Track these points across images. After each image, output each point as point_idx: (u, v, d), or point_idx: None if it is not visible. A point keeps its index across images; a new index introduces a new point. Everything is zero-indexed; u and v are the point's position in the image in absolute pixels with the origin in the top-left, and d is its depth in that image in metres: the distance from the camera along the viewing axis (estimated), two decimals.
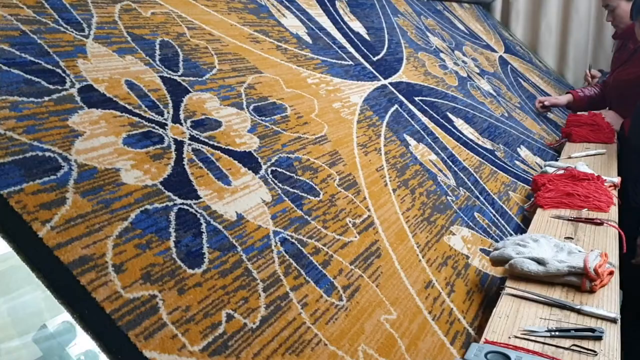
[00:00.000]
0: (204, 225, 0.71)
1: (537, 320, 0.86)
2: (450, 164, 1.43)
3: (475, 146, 1.65)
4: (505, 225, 1.32)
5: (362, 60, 1.60)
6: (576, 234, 1.20)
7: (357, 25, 1.83)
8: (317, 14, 1.63)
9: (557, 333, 0.82)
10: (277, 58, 1.23)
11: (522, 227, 1.36)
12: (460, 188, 1.34)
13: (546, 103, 2.52)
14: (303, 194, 0.91)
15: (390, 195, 1.10)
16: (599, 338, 0.81)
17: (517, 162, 1.77)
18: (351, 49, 1.61)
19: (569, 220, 1.28)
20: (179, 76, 0.94)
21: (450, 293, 0.96)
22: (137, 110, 0.80)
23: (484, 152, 1.65)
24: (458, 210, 1.23)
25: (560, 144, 2.11)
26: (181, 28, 1.05)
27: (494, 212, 1.35)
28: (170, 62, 0.95)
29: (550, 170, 1.61)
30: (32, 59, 0.74)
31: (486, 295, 1.01)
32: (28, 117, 0.67)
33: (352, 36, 1.71)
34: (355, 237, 0.92)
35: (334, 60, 1.45)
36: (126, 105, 0.79)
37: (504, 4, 3.85)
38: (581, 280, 0.93)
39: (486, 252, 1.15)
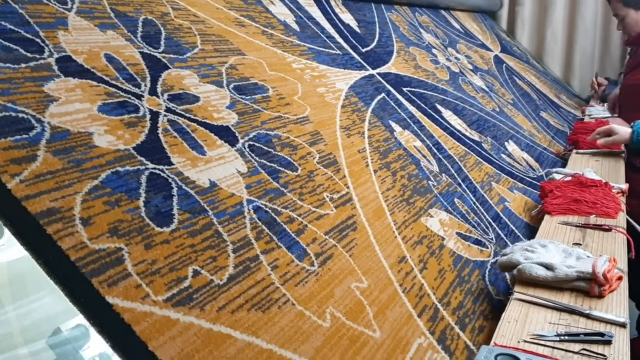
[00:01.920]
0: (175, 189, 0.72)
1: (546, 325, 0.87)
2: (435, 151, 1.45)
3: (462, 136, 1.66)
4: (484, 213, 1.33)
5: (350, 50, 1.62)
6: (584, 240, 1.21)
7: (348, 17, 1.85)
8: (307, 3, 1.66)
9: (566, 337, 0.83)
10: (262, 42, 1.25)
11: (500, 217, 1.37)
12: (443, 174, 1.36)
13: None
14: (280, 168, 0.92)
15: (371, 176, 1.12)
16: (609, 342, 0.81)
17: (503, 155, 1.78)
18: (340, 40, 1.63)
19: (576, 226, 1.28)
20: (160, 53, 0.96)
21: (423, 270, 0.97)
22: (114, 82, 0.82)
23: (471, 143, 1.66)
24: (438, 195, 1.24)
25: (567, 152, 2.10)
26: (166, 8, 1.07)
27: (474, 200, 1.36)
28: (151, 40, 0.97)
29: (557, 177, 1.63)
30: (12, 27, 0.77)
31: (458, 275, 1.02)
32: (3, 81, 0.69)
33: (342, 27, 1.73)
34: (332, 210, 0.93)
35: (321, 49, 1.47)
36: (103, 77, 0.82)
37: (509, 13, 3.87)
38: (590, 286, 0.94)
39: (462, 235, 1.16)
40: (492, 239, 1.24)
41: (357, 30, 1.83)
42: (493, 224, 1.31)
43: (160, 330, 0.56)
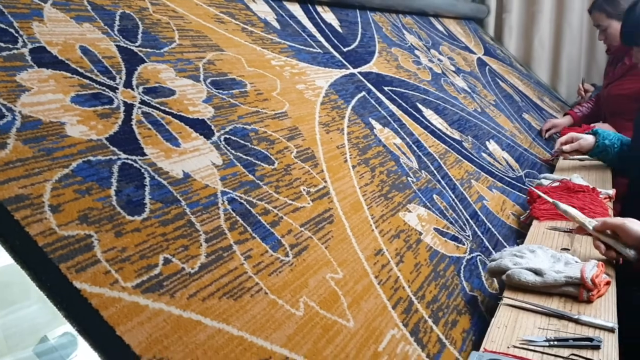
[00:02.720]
0: (147, 180, 0.72)
1: (536, 330, 0.88)
2: (415, 148, 1.46)
3: (443, 135, 1.68)
4: (463, 210, 1.35)
5: (331, 49, 1.63)
6: (572, 245, 1.22)
7: (330, 17, 1.86)
8: (289, 2, 1.66)
9: (555, 343, 0.84)
10: (241, 39, 1.25)
11: (478, 214, 1.39)
12: (423, 171, 1.37)
13: (545, 127, 2.54)
14: (257, 162, 0.93)
15: (349, 171, 1.13)
16: (597, 347, 0.83)
17: (483, 154, 1.79)
18: (321, 39, 1.64)
19: (564, 231, 1.29)
20: (136, 47, 0.96)
21: (399, 263, 0.98)
22: (88, 74, 0.82)
23: (451, 142, 1.68)
24: (417, 191, 1.25)
25: (555, 158, 2.11)
26: (144, 3, 1.08)
27: (453, 197, 1.37)
28: (128, 33, 0.97)
29: (545, 182, 1.64)
30: None
31: (433, 270, 1.03)
32: None
33: (324, 27, 1.74)
34: (309, 203, 0.94)
35: (301, 47, 1.48)
36: (78, 69, 0.81)
37: (497, 20, 3.91)
38: (578, 291, 0.95)
39: (439, 231, 1.17)
40: (469, 236, 1.25)
41: (339, 29, 1.84)
42: (470, 221, 1.32)
43: (129, 316, 0.56)
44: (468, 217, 1.34)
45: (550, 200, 1.25)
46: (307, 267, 0.81)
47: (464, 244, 1.20)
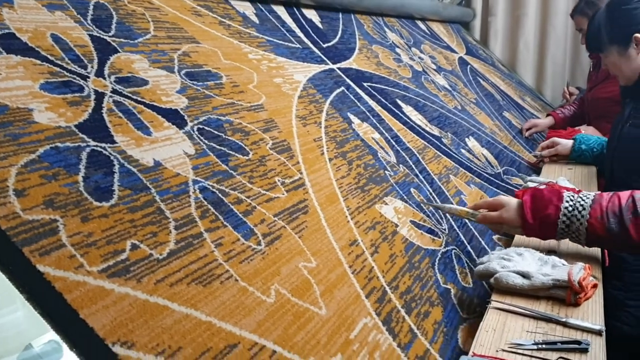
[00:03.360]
0: (117, 167, 0.72)
1: (524, 334, 0.88)
2: (394, 143, 1.47)
3: (422, 131, 1.69)
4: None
5: (310, 45, 1.63)
6: (559, 247, 1.23)
7: (311, 13, 1.86)
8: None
9: (544, 346, 0.84)
10: (218, 32, 1.25)
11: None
12: (401, 165, 1.37)
13: (525, 126, 2.58)
14: (231, 152, 0.93)
15: (326, 163, 1.13)
16: (585, 350, 0.83)
17: (463, 151, 1.81)
18: (300, 34, 1.64)
19: None
20: (110, 37, 0.95)
21: (374, 253, 0.98)
22: (59, 62, 0.81)
23: (430, 137, 1.69)
24: (394, 184, 1.26)
25: (541, 161, 2.13)
26: None
27: (431, 191, 1.38)
28: (102, 23, 0.97)
29: (532, 185, 1.66)
30: None
31: (408, 261, 1.04)
32: None
33: (304, 22, 1.74)
34: (283, 194, 0.94)
35: (280, 42, 1.48)
36: (48, 56, 0.81)
37: (482, 23, 3.95)
38: (566, 293, 0.96)
39: (416, 224, 1.18)
40: (445, 229, 1.26)
41: (320, 25, 1.84)
42: (447, 215, 1.32)
43: (93, 300, 0.55)
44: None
45: (436, 205, 1.27)
46: (279, 256, 0.80)
47: (439, 237, 1.20)
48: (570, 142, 1.93)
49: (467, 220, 1.37)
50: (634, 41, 1.46)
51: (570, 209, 1.11)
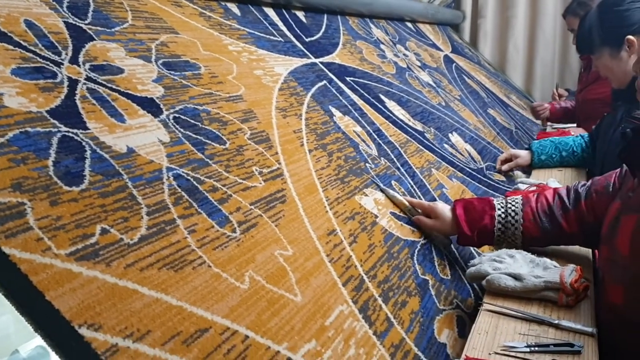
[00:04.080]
0: (88, 152, 0.71)
1: (517, 336, 0.88)
2: (376, 137, 1.47)
3: (405, 126, 1.69)
4: (422, 197, 1.35)
5: (293, 39, 1.63)
6: (550, 249, 1.22)
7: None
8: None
9: (536, 348, 0.84)
10: (198, 23, 1.24)
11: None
12: (382, 158, 1.38)
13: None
14: (207, 141, 0.92)
15: (306, 154, 1.13)
16: (578, 353, 0.83)
17: (445, 145, 1.81)
18: (283, 28, 1.64)
19: None
20: (86, 24, 0.94)
21: (352, 243, 0.98)
22: (32, 48, 0.81)
23: (413, 132, 1.69)
24: (375, 177, 1.26)
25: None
26: None
27: (412, 184, 1.38)
28: (78, 11, 0.96)
29: (522, 187, 1.66)
30: None
31: (387, 251, 1.04)
32: None
33: (287, 16, 1.74)
34: (261, 183, 0.93)
35: (261, 34, 1.47)
36: (21, 42, 0.80)
37: (472, 25, 3.98)
38: (558, 295, 0.96)
39: (396, 215, 1.18)
40: None
41: (304, 20, 1.84)
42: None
43: (60, 282, 0.55)
44: None
45: (383, 187, 1.26)
46: (255, 244, 0.80)
47: (420, 229, 1.21)
48: (528, 154, 1.94)
49: None
50: (626, 43, 1.44)
51: (503, 215, 1.14)
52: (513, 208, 1.14)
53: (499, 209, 1.15)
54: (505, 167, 1.93)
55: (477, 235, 1.14)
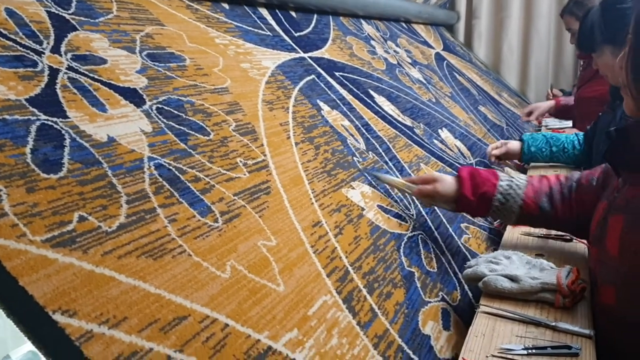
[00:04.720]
0: (67, 141, 0.71)
1: (514, 338, 0.87)
2: (364, 131, 1.46)
3: (394, 121, 1.69)
4: None
5: (282, 33, 1.63)
6: (546, 250, 1.23)
7: (284, 1, 1.85)
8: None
9: (534, 351, 0.83)
10: (184, 15, 1.24)
11: None
12: (370, 152, 1.37)
13: (525, 111, 2.59)
14: (190, 132, 0.92)
15: (292, 147, 1.12)
16: (576, 355, 0.82)
17: (435, 141, 1.81)
18: (272, 22, 1.64)
19: (538, 237, 1.30)
20: (69, 14, 0.94)
21: (338, 235, 0.98)
22: (12, 36, 0.80)
23: (402, 127, 1.69)
24: (362, 170, 1.25)
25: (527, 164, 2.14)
26: None
27: (399, 177, 1.38)
28: (62, 0, 0.95)
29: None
30: None
31: (373, 244, 1.03)
32: None
33: (277, 10, 1.74)
34: (245, 174, 0.93)
35: (249, 28, 1.47)
36: (1, 30, 0.79)
37: (466, 26, 3.99)
38: (555, 297, 0.95)
39: (383, 208, 1.18)
40: (412, 215, 1.26)
41: (293, 14, 1.83)
42: (416, 200, 1.33)
43: (35, 268, 0.54)
44: (414, 197, 1.35)
45: (376, 173, 1.26)
46: (237, 234, 0.80)
47: (407, 222, 1.20)
48: (518, 144, 1.94)
49: (436, 208, 1.37)
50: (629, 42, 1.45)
51: (506, 187, 1.15)
52: (517, 183, 1.15)
53: (502, 180, 1.16)
54: (495, 152, 1.92)
55: (477, 200, 1.14)
